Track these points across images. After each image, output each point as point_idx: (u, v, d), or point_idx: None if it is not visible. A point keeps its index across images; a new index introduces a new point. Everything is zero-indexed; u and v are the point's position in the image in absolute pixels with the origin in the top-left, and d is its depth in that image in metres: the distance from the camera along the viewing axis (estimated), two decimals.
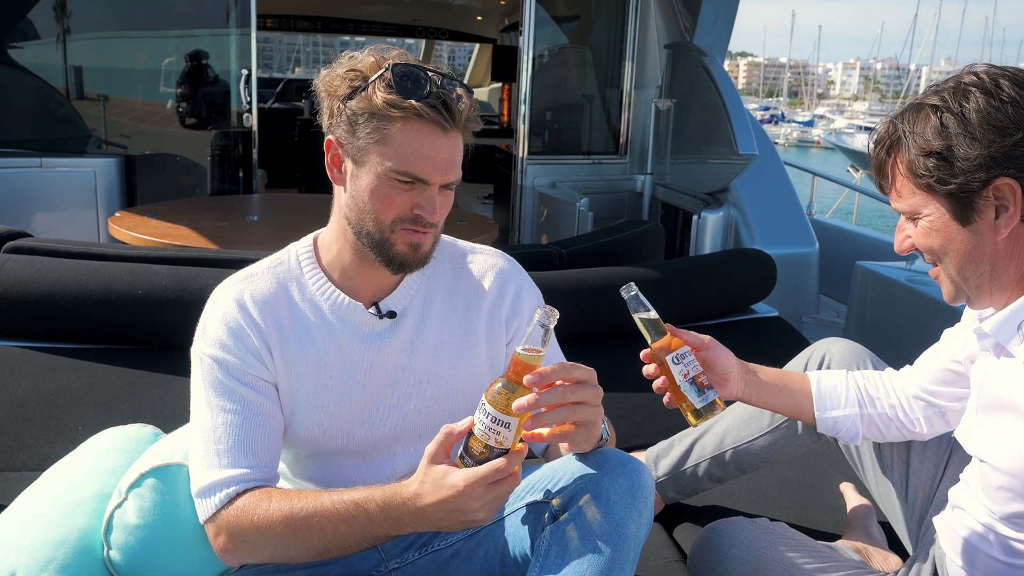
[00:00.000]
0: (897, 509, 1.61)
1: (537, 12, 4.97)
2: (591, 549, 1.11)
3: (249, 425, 1.25)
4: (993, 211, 1.12)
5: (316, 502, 1.18)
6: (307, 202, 4.77)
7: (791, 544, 1.45)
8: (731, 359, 1.47)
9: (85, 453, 1.54)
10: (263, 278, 1.33)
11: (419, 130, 1.21)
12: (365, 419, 1.34)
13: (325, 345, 1.31)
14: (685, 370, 1.31)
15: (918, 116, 1.15)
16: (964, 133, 1.10)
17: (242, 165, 4.97)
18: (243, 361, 1.26)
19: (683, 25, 4.92)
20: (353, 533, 1.17)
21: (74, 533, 1.30)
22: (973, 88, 1.12)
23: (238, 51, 4.77)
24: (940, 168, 1.12)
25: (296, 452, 1.38)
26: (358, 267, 1.32)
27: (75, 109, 4.87)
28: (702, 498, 1.90)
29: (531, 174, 5.11)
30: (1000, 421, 1.17)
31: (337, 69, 1.25)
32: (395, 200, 1.23)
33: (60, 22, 4.73)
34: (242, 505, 1.20)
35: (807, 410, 1.54)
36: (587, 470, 1.17)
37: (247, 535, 1.20)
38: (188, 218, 3.66)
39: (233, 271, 1.36)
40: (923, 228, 1.18)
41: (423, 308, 1.37)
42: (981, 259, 1.15)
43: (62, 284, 2.28)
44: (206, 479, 1.23)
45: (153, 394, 2.15)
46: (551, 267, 2.79)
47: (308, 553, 1.20)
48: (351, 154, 1.25)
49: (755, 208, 4.25)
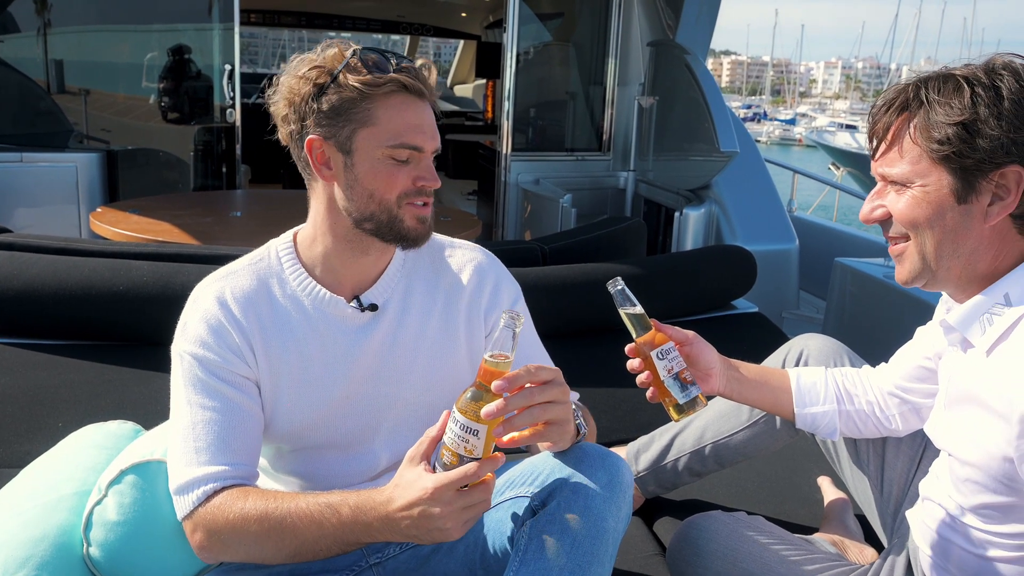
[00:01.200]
0: (872, 503, 1.63)
1: (521, 9, 4.97)
2: (570, 543, 1.12)
3: (228, 423, 1.24)
4: (990, 196, 1.11)
5: (291, 503, 1.18)
6: (291, 198, 4.75)
7: (768, 537, 1.46)
8: (713, 355, 1.47)
9: (65, 450, 1.52)
10: (244, 275, 1.32)
11: (402, 102, 1.24)
12: (348, 412, 1.34)
13: (307, 340, 1.31)
14: (669, 366, 1.32)
15: (947, 85, 1.12)
16: (995, 111, 1.08)
17: (225, 161, 4.94)
18: (223, 359, 1.26)
19: (666, 23, 4.93)
20: (325, 536, 1.16)
21: (53, 530, 1.29)
22: (1005, 71, 1.10)
23: (221, 46, 4.73)
24: (963, 139, 1.09)
25: (279, 447, 1.37)
26: (345, 259, 1.32)
27: (56, 104, 4.82)
28: (682, 492, 1.91)
29: (515, 170, 5.11)
30: (966, 414, 1.18)
31: (296, 72, 1.25)
32: (396, 177, 1.25)
33: (41, 15, 4.67)
34: (219, 503, 1.19)
35: (787, 406, 1.55)
36: (566, 465, 1.18)
37: (223, 533, 1.19)
38: (170, 214, 3.63)
39: (216, 267, 1.36)
40: (913, 198, 1.15)
41: (403, 301, 1.37)
42: (964, 242, 1.14)
43: (42, 280, 2.26)
44: (184, 476, 1.22)
45: (134, 390, 2.14)
46: (534, 263, 2.79)
47: (281, 554, 1.20)
48: (339, 147, 1.25)
49: (736, 205, 4.27)
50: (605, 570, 1.15)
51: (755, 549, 1.43)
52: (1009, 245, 1.14)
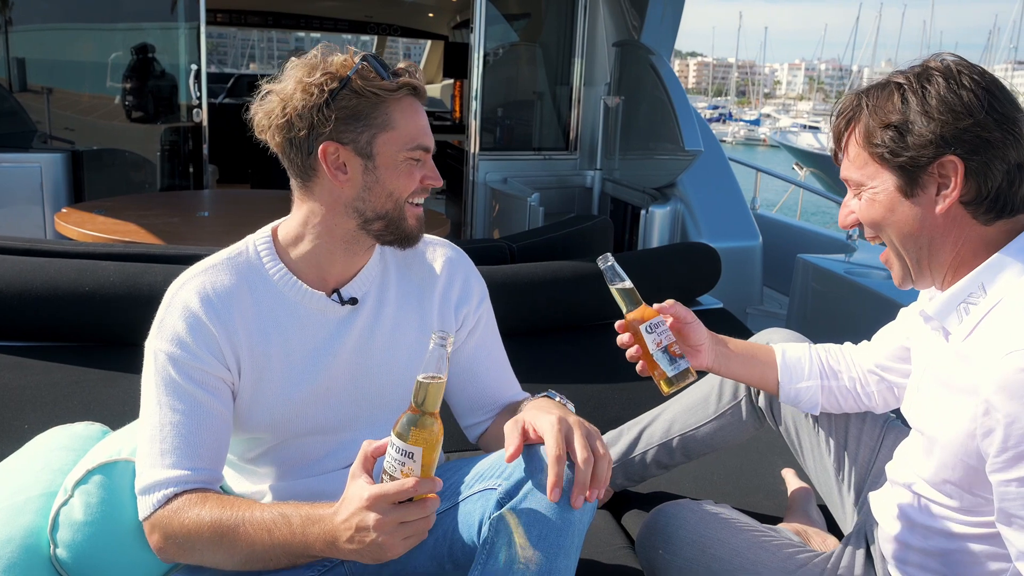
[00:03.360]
0: (834, 493, 1.66)
1: (488, 9, 4.97)
2: (536, 535, 1.12)
3: (195, 427, 1.24)
4: (935, 187, 1.17)
5: (246, 511, 1.19)
6: (259, 197, 4.71)
7: (736, 525, 1.48)
8: (703, 331, 1.52)
9: (31, 452, 1.50)
10: (222, 270, 1.31)
11: (411, 106, 1.29)
12: (329, 402, 1.35)
13: (289, 332, 1.32)
14: (658, 339, 1.34)
15: (882, 92, 1.20)
16: (922, 111, 1.15)
17: (192, 160, 4.88)
18: (198, 359, 1.25)
19: (631, 24, 4.96)
20: (275, 545, 1.17)
21: (20, 532, 1.28)
22: (936, 73, 1.17)
23: (187, 45, 4.68)
24: (895, 140, 1.17)
25: (259, 437, 1.37)
26: (334, 258, 1.34)
27: (19, 103, 4.73)
28: (650, 485, 1.93)
29: (483, 170, 5.12)
30: (940, 396, 1.22)
31: (300, 80, 1.24)
32: (414, 176, 1.30)
33: (2, 13, 4.59)
34: (177, 507, 1.20)
35: (772, 380, 1.59)
36: (533, 457, 1.18)
37: (178, 537, 1.20)
38: (137, 214, 3.58)
39: (183, 267, 1.34)
40: (867, 200, 1.23)
41: (380, 294, 1.39)
42: (920, 232, 1.20)
43: (6, 281, 2.22)
44: (148, 478, 1.22)
45: (101, 392, 2.11)
46: (502, 261, 2.80)
47: (232, 561, 1.20)
48: (357, 151, 1.26)
49: (701, 203, 4.31)
50: (571, 561, 1.16)
51: (723, 535, 1.44)
52: (966, 231, 1.19)
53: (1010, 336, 1.07)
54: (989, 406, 1.05)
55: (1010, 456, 1.04)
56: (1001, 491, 1.08)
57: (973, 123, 1.13)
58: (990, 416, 1.05)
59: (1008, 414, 1.03)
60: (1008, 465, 1.05)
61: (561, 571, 1.13)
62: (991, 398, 1.05)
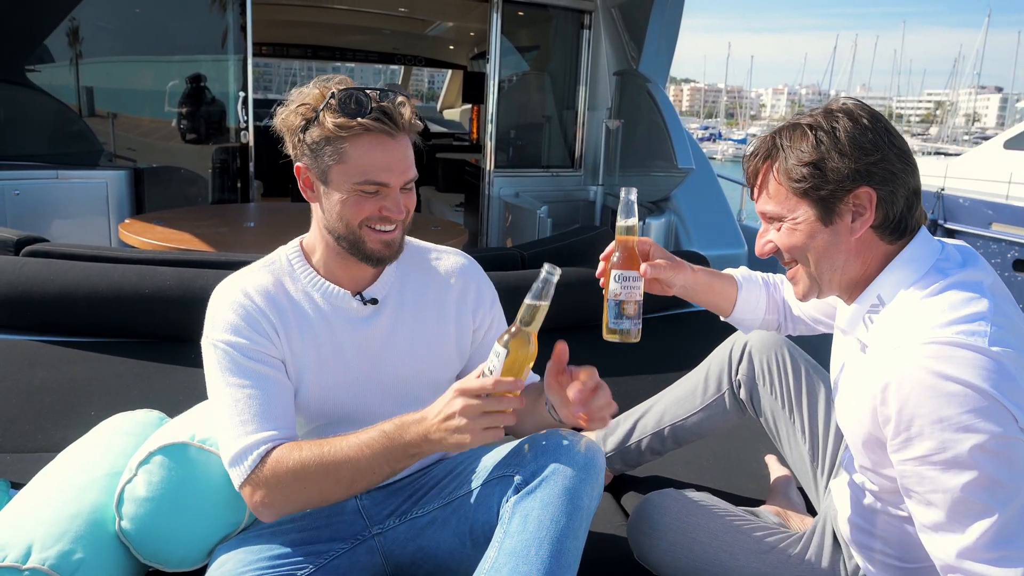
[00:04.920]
0: (809, 477, 1.65)
1: (502, 42, 4.99)
2: (549, 518, 1.13)
3: (267, 395, 1.24)
4: (851, 215, 1.17)
5: (341, 441, 1.20)
6: (298, 210, 4.71)
7: (715, 511, 1.47)
8: (678, 279, 1.45)
9: (97, 436, 1.52)
10: (260, 273, 1.34)
11: (370, 142, 1.24)
12: (357, 391, 1.36)
13: (320, 327, 1.33)
14: (618, 290, 1.29)
15: (795, 133, 1.19)
16: (835, 149, 1.15)
17: (240, 177, 4.91)
18: (255, 341, 1.26)
19: (630, 55, 4.96)
20: (376, 456, 1.18)
21: (87, 507, 1.29)
22: (840, 114, 1.17)
23: (235, 75, 4.71)
24: (815, 176, 1.15)
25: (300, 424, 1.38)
26: (340, 264, 1.35)
27: (88, 126, 4.78)
28: (645, 469, 1.92)
29: (497, 185, 5.12)
30: (850, 396, 1.23)
31: (290, 106, 1.27)
32: (363, 207, 1.27)
33: (73, 47, 4.63)
34: (276, 457, 1.20)
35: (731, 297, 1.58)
36: (548, 448, 1.19)
37: (284, 482, 1.19)
38: (191, 224, 3.61)
39: (231, 272, 1.36)
40: (787, 229, 1.21)
41: (399, 296, 1.40)
42: (836, 255, 1.19)
43: (76, 284, 2.25)
44: (236, 446, 1.21)
45: (159, 382, 2.13)
46: (514, 267, 2.80)
47: (339, 487, 1.20)
48: (318, 177, 1.28)
49: (692, 215, 4.30)
50: (579, 542, 1.16)
51: (704, 521, 1.44)
52: (874, 250, 1.19)
53: (897, 333, 1.10)
54: (884, 396, 1.06)
55: (903, 439, 1.05)
56: (900, 469, 1.08)
57: (880, 158, 1.14)
58: (886, 405, 1.06)
59: (899, 401, 1.04)
60: (902, 446, 1.06)
61: (570, 551, 1.14)
62: (885, 388, 1.06)
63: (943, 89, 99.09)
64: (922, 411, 1.02)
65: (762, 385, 1.69)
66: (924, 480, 1.04)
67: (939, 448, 1.01)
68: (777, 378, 1.67)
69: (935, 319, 1.07)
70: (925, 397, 1.02)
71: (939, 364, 1.02)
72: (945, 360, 1.02)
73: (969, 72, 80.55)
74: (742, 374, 1.72)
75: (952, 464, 1.01)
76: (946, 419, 1.00)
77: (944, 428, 1.01)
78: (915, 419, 1.03)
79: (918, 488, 1.06)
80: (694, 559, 1.42)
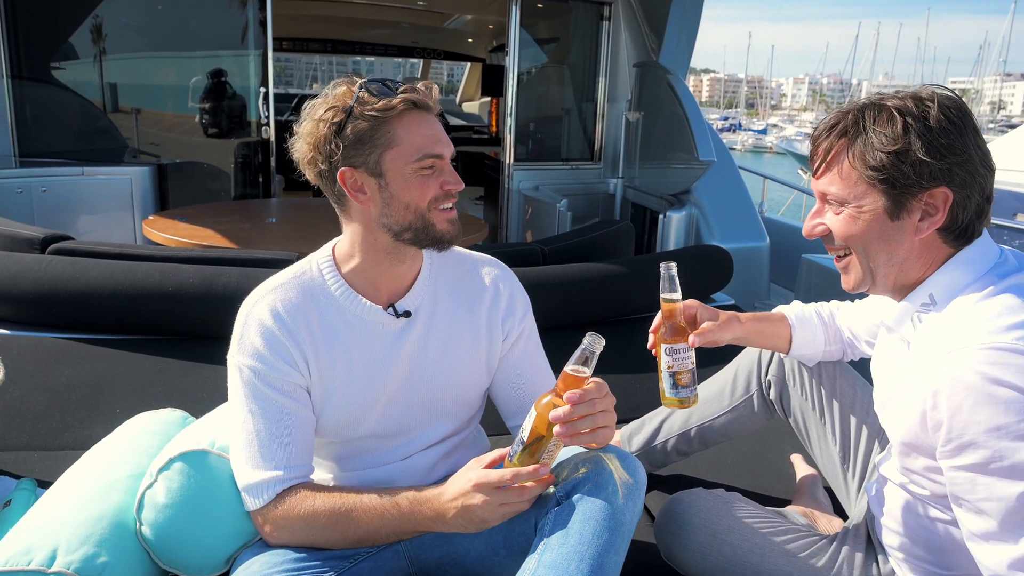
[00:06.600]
0: (839, 479, 1.61)
1: (521, 35, 4.94)
2: (591, 532, 1.10)
3: (286, 428, 1.24)
4: (920, 214, 1.11)
5: (355, 499, 1.21)
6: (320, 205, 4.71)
7: (745, 511, 1.44)
8: (724, 337, 1.46)
9: (121, 436, 1.51)
10: (291, 288, 1.30)
11: (415, 118, 1.23)
12: (388, 407, 1.33)
13: (351, 344, 1.29)
14: (670, 362, 1.29)
15: (880, 115, 1.10)
16: (925, 140, 1.07)
17: (262, 171, 4.92)
18: (278, 370, 1.24)
19: (650, 46, 4.90)
20: (386, 526, 1.20)
21: (110, 510, 1.28)
22: (931, 103, 1.09)
23: (256, 70, 4.72)
24: (895, 167, 1.08)
25: (328, 439, 1.36)
26: (383, 270, 1.31)
27: (112, 122, 4.81)
28: (670, 469, 1.89)
29: (517, 178, 5.09)
30: (899, 395, 1.18)
31: (310, 121, 1.23)
32: (427, 186, 1.24)
33: (97, 44, 4.66)
34: (290, 502, 1.22)
35: (785, 337, 1.58)
36: (589, 463, 1.17)
37: (293, 526, 1.22)
38: (213, 220, 3.62)
39: (253, 269, 1.34)
40: (848, 216, 1.14)
41: (432, 308, 1.36)
42: (896, 253, 1.14)
43: (100, 282, 2.25)
44: (252, 478, 1.23)
45: (182, 379, 2.13)
46: (535, 263, 2.77)
47: (345, 542, 1.22)
48: (370, 171, 1.23)
49: (713, 208, 4.25)
50: (619, 558, 1.13)
51: (733, 522, 1.41)
52: (936, 253, 1.14)
53: (950, 336, 1.05)
54: (936, 401, 1.02)
55: (955, 446, 1.01)
56: (950, 476, 1.05)
57: (966, 159, 1.07)
58: (937, 410, 1.02)
59: (951, 407, 1.00)
60: (954, 453, 1.02)
61: (610, 567, 1.11)
62: (937, 393, 1.02)
63: (968, 77, 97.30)
64: (977, 418, 0.98)
65: (792, 386, 1.65)
66: (977, 488, 1.00)
67: (995, 457, 0.97)
68: (808, 379, 1.63)
69: (991, 323, 1.02)
70: (980, 404, 0.98)
71: (995, 370, 0.98)
72: (1002, 366, 0.97)
73: (995, 59, 79.17)
74: (772, 375, 1.68)
75: (1009, 473, 0.97)
76: (1003, 427, 0.96)
77: (1001, 436, 0.97)
78: (969, 426, 0.99)
79: (969, 496, 1.02)
80: (723, 560, 1.39)
